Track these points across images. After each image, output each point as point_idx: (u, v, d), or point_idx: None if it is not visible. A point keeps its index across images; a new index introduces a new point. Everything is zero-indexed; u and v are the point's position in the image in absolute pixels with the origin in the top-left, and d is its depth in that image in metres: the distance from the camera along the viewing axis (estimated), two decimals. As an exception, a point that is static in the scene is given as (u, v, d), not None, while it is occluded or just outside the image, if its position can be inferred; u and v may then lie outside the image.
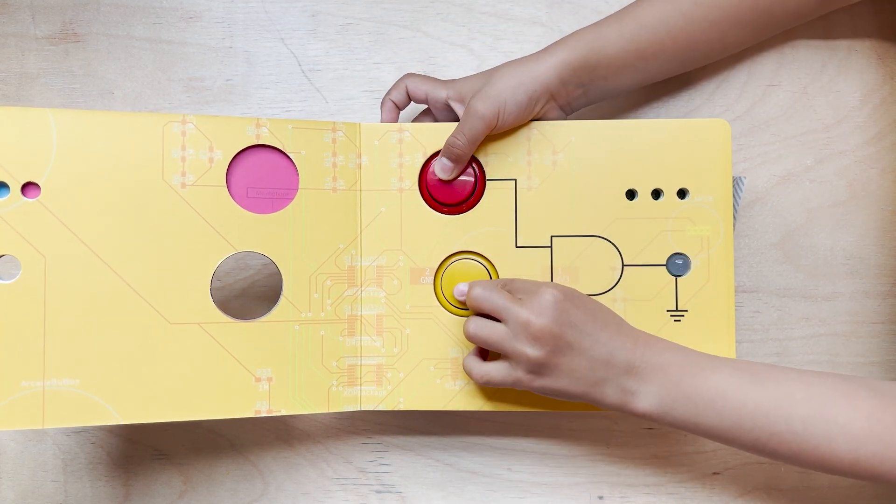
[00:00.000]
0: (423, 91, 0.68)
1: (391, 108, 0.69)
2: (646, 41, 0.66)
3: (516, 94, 0.63)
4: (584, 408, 0.65)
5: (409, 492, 0.75)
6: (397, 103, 0.69)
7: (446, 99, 0.67)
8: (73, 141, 0.58)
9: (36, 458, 0.76)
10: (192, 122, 0.61)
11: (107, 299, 0.58)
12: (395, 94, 0.69)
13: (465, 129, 0.64)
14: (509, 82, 0.64)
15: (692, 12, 0.65)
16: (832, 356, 0.74)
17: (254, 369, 0.62)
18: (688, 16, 0.65)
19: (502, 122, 0.64)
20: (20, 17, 0.78)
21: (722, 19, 0.66)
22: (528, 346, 0.58)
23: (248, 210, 0.62)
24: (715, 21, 0.66)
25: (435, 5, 0.77)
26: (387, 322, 0.66)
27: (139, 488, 0.76)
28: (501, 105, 0.63)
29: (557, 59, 0.64)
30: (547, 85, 0.64)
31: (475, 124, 0.63)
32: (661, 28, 0.65)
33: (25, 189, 0.57)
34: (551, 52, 0.65)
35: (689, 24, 0.66)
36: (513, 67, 0.65)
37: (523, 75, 0.64)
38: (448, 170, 0.66)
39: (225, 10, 0.77)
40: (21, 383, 0.56)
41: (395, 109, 0.69)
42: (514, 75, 0.64)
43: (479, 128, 0.63)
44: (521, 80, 0.64)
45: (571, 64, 0.64)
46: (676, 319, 0.65)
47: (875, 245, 0.74)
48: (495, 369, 0.60)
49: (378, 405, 0.65)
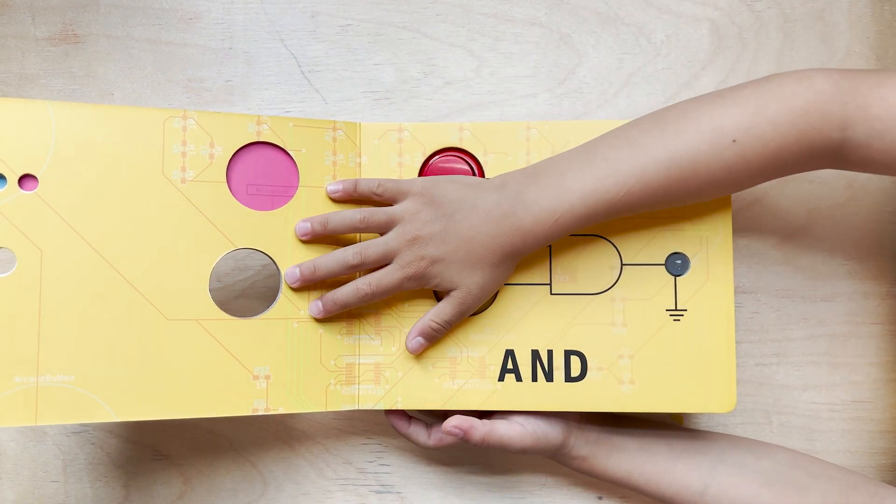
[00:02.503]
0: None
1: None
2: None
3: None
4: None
5: (409, 492, 0.75)
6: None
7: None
8: (72, 134, 0.58)
9: (36, 459, 0.76)
10: (193, 118, 0.61)
11: (103, 294, 0.58)
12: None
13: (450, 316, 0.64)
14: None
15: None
16: (831, 356, 0.74)
17: (251, 367, 0.62)
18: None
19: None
20: (20, 17, 0.78)
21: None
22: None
23: (247, 207, 0.62)
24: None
25: (434, 6, 0.77)
26: (385, 321, 0.66)
27: (139, 489, 0.76)
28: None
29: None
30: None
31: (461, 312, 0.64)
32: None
33: (23, 181, 0.57)
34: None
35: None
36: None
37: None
38: (421, 348, 0.66)
39: (224, 11, 0.78)
40: (14, 379, 0.56)
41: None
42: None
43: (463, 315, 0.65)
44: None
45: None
46: (676, 319, 0.65)
47: (874, 246, 0.74)
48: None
49: (376, 404, 0.65)
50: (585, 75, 0.76)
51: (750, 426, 0.74)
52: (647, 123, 0.61)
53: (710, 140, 0.58)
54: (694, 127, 0.58)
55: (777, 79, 0.59)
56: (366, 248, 0.63)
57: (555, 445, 0.66)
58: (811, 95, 0.57)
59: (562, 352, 0.65)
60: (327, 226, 0.64)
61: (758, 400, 0.74)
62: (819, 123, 0.56)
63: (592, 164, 0.60)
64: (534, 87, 0.76)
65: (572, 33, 0.76)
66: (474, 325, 0.66)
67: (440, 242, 0.62)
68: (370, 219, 0.63)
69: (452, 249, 0.61)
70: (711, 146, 0.58)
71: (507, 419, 0.66)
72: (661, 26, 0.76)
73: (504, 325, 0.66)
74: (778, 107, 0.57)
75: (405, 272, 0.62)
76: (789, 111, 0.57)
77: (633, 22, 0.76)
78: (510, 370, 0.65)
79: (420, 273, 0.62)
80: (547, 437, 0.65)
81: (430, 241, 0.62)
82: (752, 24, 0.75)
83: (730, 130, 0.57)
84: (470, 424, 0.64)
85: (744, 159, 0.58)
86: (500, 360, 0.65)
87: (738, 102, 0.58)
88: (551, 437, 0.65)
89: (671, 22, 0.76)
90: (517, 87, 0.76)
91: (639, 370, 0.65)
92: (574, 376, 0.65)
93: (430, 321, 0.64)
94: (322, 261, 0.63)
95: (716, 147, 0.58)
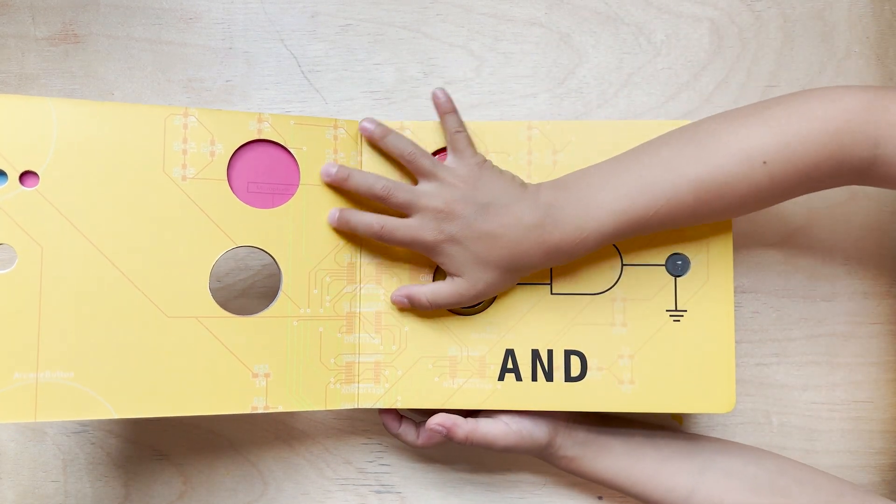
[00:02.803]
0: None
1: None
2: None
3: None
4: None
5: (409, 492, 0.75)
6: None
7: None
8: (73, 131, 0.58)
9: (36, 459, 0.76)
10: (194, 116, 0.61)
11: (104, 291, 0.58)
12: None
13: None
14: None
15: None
16: (831, 356, 0.74)
17: (251, 365, 0.61)
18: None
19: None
20: (20, 17, 0.78)
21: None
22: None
23: (248, 204, 0.62)
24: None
25: (434, 6, 0.77)
26: (385, 319, 0.66)
27: (139, 488, 0.75)
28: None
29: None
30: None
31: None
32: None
33: (24, 178, 0.57)
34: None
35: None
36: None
37: None
38: (402, 307, 0.66)
39: (225, 11, 0.78)
40: (14, 375, 0.56)
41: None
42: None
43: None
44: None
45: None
46: (676, 319, 0.65)
47: (874, 246, 0.74)
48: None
49: (376, 403, 0.65)
50: (585, 75, 0.76)
51: (750, 426, 0.74)
52: (677, 142, 0.61)
53: (740, 161, 0.58)
54: (724, 149, 0.58)
55: (806, 96, 0.59)
56: (396, 188, 0.63)
57: (540, 445, 0.66)
58: (841, 114, 0.56)
59: (562, 351, 0.65)
60: (385, 138, 0.65)
61: (757, 400, 0.74)
62: (849, 142, 0.56)
63: (624, 181, 0.60)
64: (534, 87, 0.76)
65: (572, 33, 0.76)
66: (475, 324, 0.66)
67: (464, 226, 0.61)
68: (418, 158, 0.64)
69: (474, 239, 0.61)
70: (741, 167, 0.58)
71: (493, 417, 0.66)
72: (661, 26, 0.76)
73: (504, 325, 0.66)
74: (809, 126, 0.57)
75: (420, 235, 0.62)
76: (820, 131, 0.57)
77: (633, 22, 0.76)
78: (510, 370, 0.65)
79: (433, 244, 0.62)
80: (532, 436, 0.65)
81: (455, 219, 0.62)
82: (752, 24, 0.75)
83: (759, 153, 0.57)
84: (453, 422, 0.64)
85: (773, 180, 0.58)
86: (500, 359, 0.65)
87: (769, 123, 0.58)
88: (536, 436, 0.65)
89: (671, 22, 0.76)
90: (517, 86, 0.76)
91: (639, 370, 0.65)
92: (574, 376, 0.65)
93: (424, 295, 0.64)
94: (357, 175, 0.64)
95: (746, 168, 0.58)
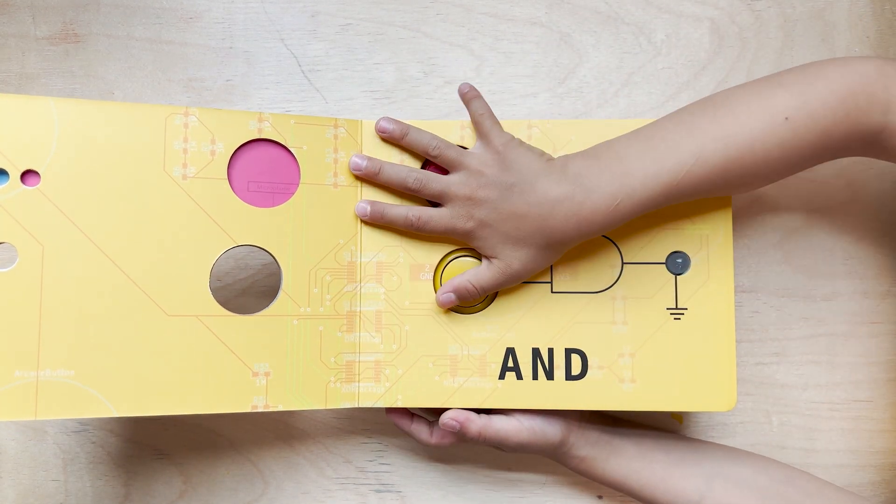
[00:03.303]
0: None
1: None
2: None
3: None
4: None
5: (409, 491, 0.75)
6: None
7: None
8: (74, 130, 0.58)
9: (36, 458, 0.76)
10: (194, 115, 0.61)
11: (104, 290, 0.58)
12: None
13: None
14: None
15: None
16: (831, 356, 0.74)
17: (251, 364, 0.61)
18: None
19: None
20: (20, 17, 0.78)
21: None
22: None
23: (248, 203, 0.62)
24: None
25: (435, 6, 0.77)
26: (386, 318, 0.66)
27: (139, 488, 0.75)
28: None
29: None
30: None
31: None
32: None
33: (25, 177, 0.57)
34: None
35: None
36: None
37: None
38: (450, 304, 0.66)
39: (225, 11, 0.78)
40: (14, 373, 0.56)
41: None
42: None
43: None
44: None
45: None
46: (676, 318, 0.65)
47: (874, 245, 0.74)
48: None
49: (376, 402, 0.65)
50: (585, 75, 0.76)
51: (750, 425, 0.74)
52: (697, 109, 0.61)
53: (763, 119, 0.58)
54: (745, 108, 0.59)
55: (819, 64, 0.60)
56: (428, 180, 0.64)
57: (553, 443, 0.66)
58: (856, 78, 0.58)
59: (562, 350, 0.65)
60: (406, 136, 0.66)
61: (758, 399, 0.74)
62: (864, 104, 0.57)
63: (651, 146, 0.60)
64: (534, 87, 0.76)
65: (572, 33, 0.76)
66: (475, 322, 0.66)
67: (492, 209, 0.62)
68: (444, 151, 0.64)
69: (502, 219, 0.62)
70: (765, 124, 0.58)
71: (506, 415, 0.66)
72: (662, 26, 0.76)
73: (505, 323, 0.66)
74: (826, 87, 0.58)
75: (453, 223, 0.63)
76: (836, 91, 0.58)
77: (633, 21, 0.76)
78: (511, 368, 0.65)
79: (466, 231, 0.63)
80: (545, 434, 0.65)
81: (483, 203, 0.62)
82: (752, 24, 0.76)
83: (781, 109, 0.58)
84: (466, 417, 0.64)
85: (797, 136, 0.58)
86: (500, 358, 0.65)
87: (785, 85, 0.59)
88: (549, 434, 0.65)
89: (671, 21, 0.76)
90: (517, 86, 0.76)
91: (639, 369, 0.65)
92: (575, 375, 0.65)
93: (467, 281, 0.64)
94: (388, 168, 0.65)
95: (770, 125, 0.58)
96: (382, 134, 0.66)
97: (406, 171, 0.65)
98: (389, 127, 0.65)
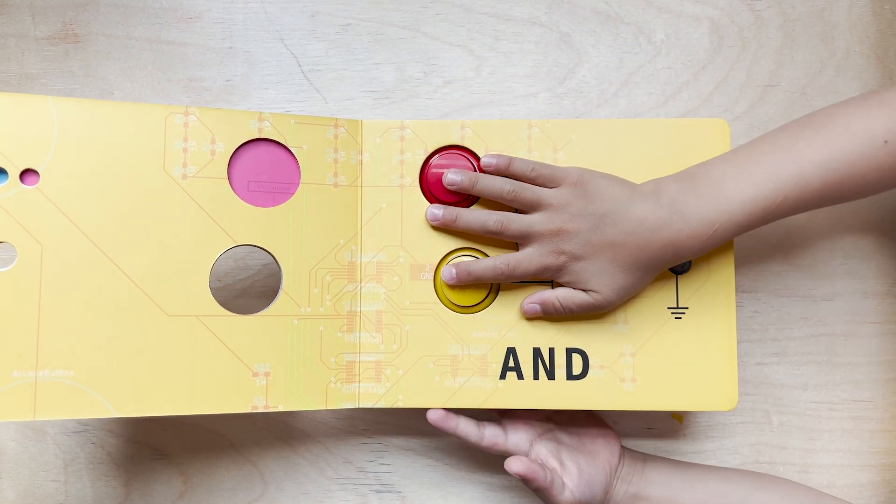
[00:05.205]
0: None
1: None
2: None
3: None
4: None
5: (409, 492, 0.75)
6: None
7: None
8: (74, 129, 0.58)
9: (36, 458, 0.76)
10: (194, 114, 0.61)
11: (104, 290, 0.58)
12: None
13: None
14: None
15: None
16: (831, 356, 0.74)
17: (251, 364, 0.61)
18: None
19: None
20: (20, 17, 0.78)
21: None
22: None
23: (248, 203, 0.62)
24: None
25: (434, 6, 0.77)
26: (386, 318, 0.66)
27: (139, 488, 0.75)
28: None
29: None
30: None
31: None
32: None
33: (24, 176, 0.57)
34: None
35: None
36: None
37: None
38: (534, 315, 0.66)
39: (225, 11, 0.78)
40: (13, 374, 0.55)
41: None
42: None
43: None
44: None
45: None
46: (677, 317, 0.65)
47: (874, 245, 0.75)
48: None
49: (377, 402, 0.65)
50: (585, 74, 0.76)
51: (750, 425, 0.74)
52: (794, 128, 0.61)
53: (863, 142, 0.58)
54: (845, 130, 0.59)
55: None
56: (509, 221, 0.63)
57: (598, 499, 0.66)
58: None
59: (563, 350, 0.65)
60: (476, 185, 0.64)
61: (758, 399, 0.74)
62: None
63: (749, 169, 0.59)
64: (534, 87, 0.76)
65: (572, 33, 0.76)
66: (476, 322, 0.66)
67: (584, 242, 0.61)
68: (519, 194, 0.63)
69: (596, 251, 0.61)
70: (864, 148, 0.58)
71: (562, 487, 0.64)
72: (661, 26, 0.76)
73: (505, 323, 0.66)
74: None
75: (544, 261, 0.62)
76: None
77: (632, 21, 0.76)
78: (512, 368, 0.65)
79: (557, 266, 0.62)
80: (592, 492, 0.65)
81: (574, 236, 0.61)
82: (752, 24, 0.76)
83: (881, 132, 0.58)
84: (532, 470, 0.63)
85: (895, 160, 0.58)
86: (501, 357, 0.65)
87: (886, 105, 0.59)
88: (596, 490, 0.66)
89: (671, 21, 0.76)
90: (517, 86, 0.76)
91: (640, 368, 0.65)
92: (576, 374, 0.65)
93: (556, 299, 0.63)
94: (466, 213, 0.64)
95: (869, 149, 0.58)
96: (488, 169, 0.65)
97: (485, 215, 0.64)
98: (493, 162, 0.64)
